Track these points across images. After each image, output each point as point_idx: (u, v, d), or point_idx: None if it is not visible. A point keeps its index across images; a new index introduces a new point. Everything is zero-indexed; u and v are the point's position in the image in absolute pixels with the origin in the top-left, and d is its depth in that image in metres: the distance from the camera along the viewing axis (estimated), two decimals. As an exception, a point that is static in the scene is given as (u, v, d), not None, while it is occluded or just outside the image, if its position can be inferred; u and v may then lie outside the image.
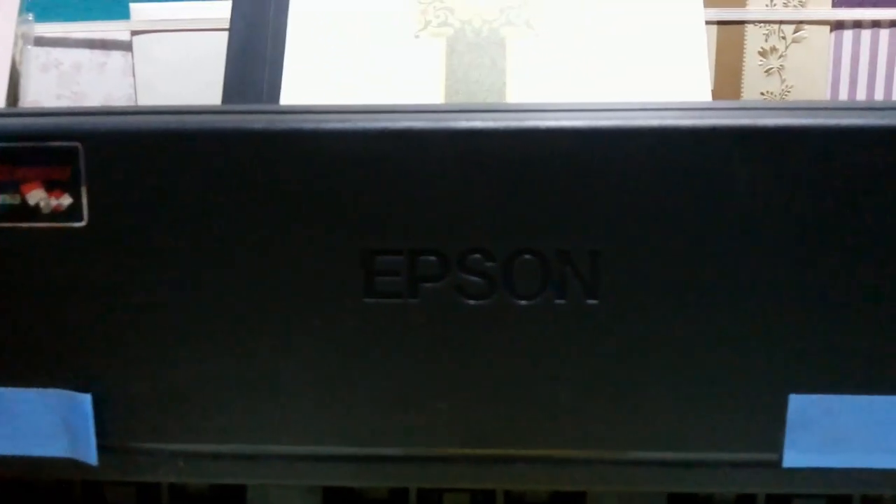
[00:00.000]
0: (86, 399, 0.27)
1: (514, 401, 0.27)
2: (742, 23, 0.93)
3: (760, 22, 0.92)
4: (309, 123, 0.26)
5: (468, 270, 0.26)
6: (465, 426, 0.27)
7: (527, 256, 0.26)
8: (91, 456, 0.27)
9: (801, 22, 0.92)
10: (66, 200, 0.26)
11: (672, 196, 0.25)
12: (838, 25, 0.93)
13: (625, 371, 0.26)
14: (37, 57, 0.85)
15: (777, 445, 0.26)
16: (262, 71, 0.69)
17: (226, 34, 0.91)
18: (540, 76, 0.68)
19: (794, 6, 0.91)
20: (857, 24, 0.92)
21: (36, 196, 0.26)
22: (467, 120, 0.26)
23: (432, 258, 0.26)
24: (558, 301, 0.26)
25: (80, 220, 0.26)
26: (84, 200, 0.26)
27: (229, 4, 0.96)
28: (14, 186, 0.26)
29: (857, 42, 0.91)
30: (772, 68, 0.93)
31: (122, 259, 0.26)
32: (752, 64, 0.94)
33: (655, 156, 0.25)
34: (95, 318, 0.27)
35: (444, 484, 0.30)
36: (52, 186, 0.26)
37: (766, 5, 0.92)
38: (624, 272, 0.25)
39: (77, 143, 0.26)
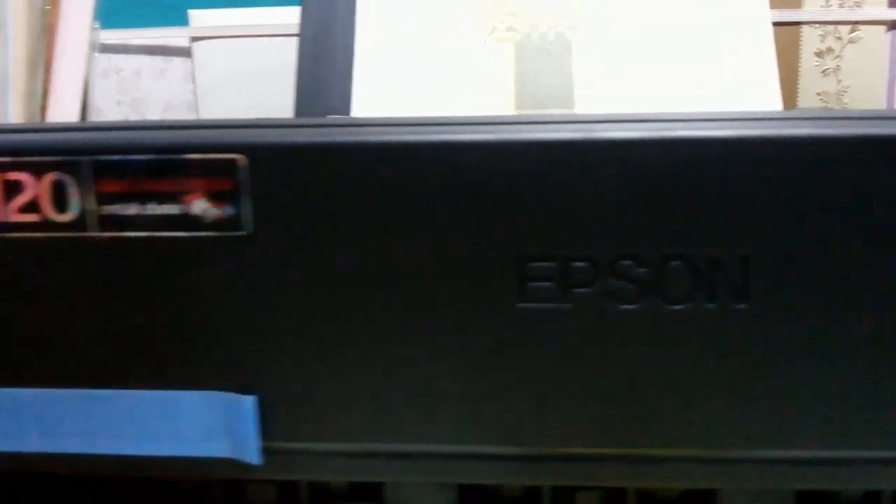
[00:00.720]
0: (249, 401, 0.28)
1: (658, 401, 0.28)
2: (798, 24, 0.93)
3: (816, 23, 0.93)
4: (464, 135, 0.27)
5: (619, 276, 0.27)
6: (607, 426, 0.28)
7: (676, 262, 0.26)
8: (254, 456, 0.28)
9: (856, 22, 0.92)
10: (229, 211, 0.27)
11: (819, 203, 0.26)
12: (894, 25, 0.93)
13: (769, 372, 0.27)
14: (98, 63, 0.87)
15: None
16: (333, 78, 0.71)
17: (286, 40, 0.92)
18: (608, 81, 0.69)
19: (850, 6, 0.91)
20: (914, 24, 0.92)
21: (198, 206, 0.27)
22: (617, 130, 0.26)
23: (584, 264, 0.27)
24: (708, 305, 0.26)
25: (243, 229, 0.27)
26: (246, 210, 0.27)
27: (289, 10, 0.97)
28: (176, 197, 0.27)
29: (913, 41, 0.92)
30: (828, 69, 0.94)
31: (283, 266, 0.27)
32: (808, 65, 0.94)
33: (803, 164, 0.26)
34: (257, 323, 0.28)
35: (578, 482, 0.31)
36: (214, 197, 0.27)
37: (822, 6, 0.92)
38: (773, 277, 0.26)
39: (239, 156, 0.27)
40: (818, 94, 0.93)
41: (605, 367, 0.27)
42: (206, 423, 0.28)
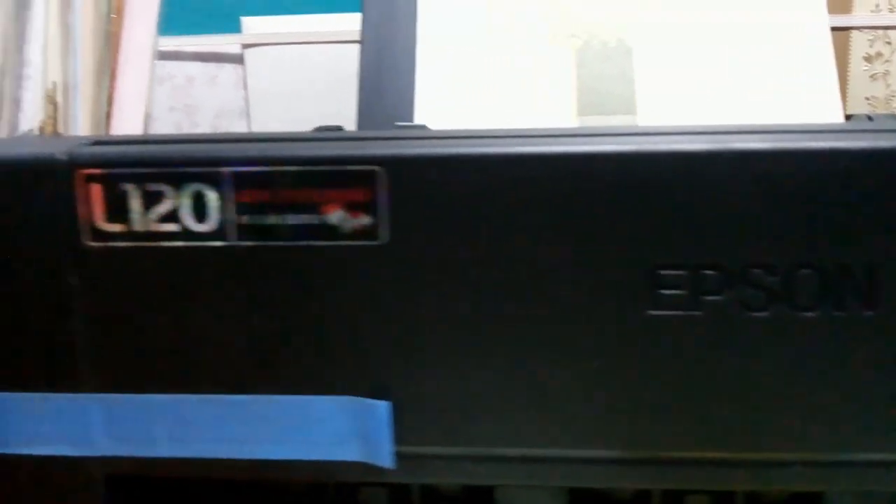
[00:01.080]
0: (384, 406, 0.28)
1: (781, 406, 0.28)
2: (847, 29, 0.94)
3: (866, 28, 0.93)
4: (599, 146, 0.27)
5: (750, 284, 0.27)
6: (732, 430, 0.29)
7: (806, 270, 0.27)
8: (387, 459, 0.29)
9: None
10: (366, 220, 0.28)
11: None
12: None
13: (889, 377, 0.28)
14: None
15: None
16: (395, 85, 0.72)
17: (339, 47, 0.93)
18: (669, 87, 0.70)
19: (901, 12, 0.91)
20: (963, 29, 0.92)
21: (336, 216, 0.28)
22: (746, 142, 0.27)
23: (715, 272, 0.27)
24: (836, 313, 0.27)
25: (379, 238, 0.28)
26: (383, 220, 0.28)
27: (341, 18, 0.98)
28: (315, 208, 0.28)
29: (962, 46, 0.92)
30: (877, 73, 0.94)
31: (417, 275, 0.28)
32: (857, 69, 0.94)
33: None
34: (390, 330, 0.28)
35: (689, 485, 0.32)
36: (351, 207, 0.28)
37: (872, 11, 0.92)
38: (901, 285, 0.27)
39: (377, 168, 0.28)
40: (867, 98, 0.93)
41: (733, 372, 0.28)
42: (339, 428, 0.29)
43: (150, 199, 0.29)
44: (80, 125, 0.66)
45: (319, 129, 0.63)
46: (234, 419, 0.30)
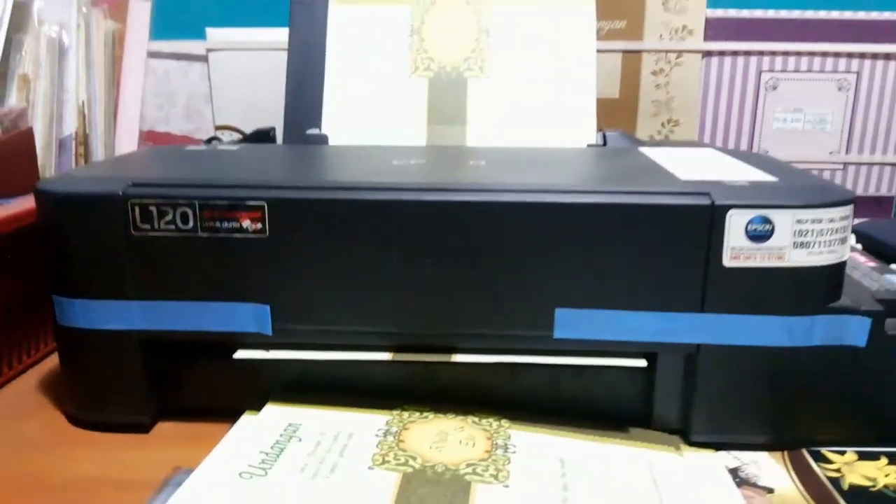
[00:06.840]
0: (266, 308, 0.66)
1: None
2: (639, 52, 1.32)
3: (653, 51, 1.31)
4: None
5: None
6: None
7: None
8: (269, 330, 0.66)
9: (681, 51, 1.31)
10: (259, 225, 0.65)
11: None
12: (707, 54, 1.32)
13: (506, 281, 0.65)
14: (139, 67, 1.21)
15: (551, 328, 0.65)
16: (311, 95, 1.07)
17: (280, 53, 1.28)
18: (489, 108, 1.07)
19: (677, 40, 1.28)
20: (721, 53, 1.30)
21: (245, 223, 0.65)
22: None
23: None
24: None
25: (265, 234, 0.65)
26: (267, 226, 0.65)
27: (285, 31, 1.34)
28: (236, 219, 0.65)
29: (721, 65, 1.30)
30: (660, 84, 1.32)
31: (286, 252, 0.65)
32: (646, 81, 1.33)
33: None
34: (270, 274, 0.65)
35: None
36: (253, 220, 0.65)
37: (658, 38, 1.29)
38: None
39: (264, 202, 0.64)
40: (653, 101, 1.31)
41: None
42: (247, 317, 0.67)
43: (161, 213, 0.65)
44: (99, 126, 1.00)
45: (257, 131, 0.99)
46: (205, 313, 0.67)
